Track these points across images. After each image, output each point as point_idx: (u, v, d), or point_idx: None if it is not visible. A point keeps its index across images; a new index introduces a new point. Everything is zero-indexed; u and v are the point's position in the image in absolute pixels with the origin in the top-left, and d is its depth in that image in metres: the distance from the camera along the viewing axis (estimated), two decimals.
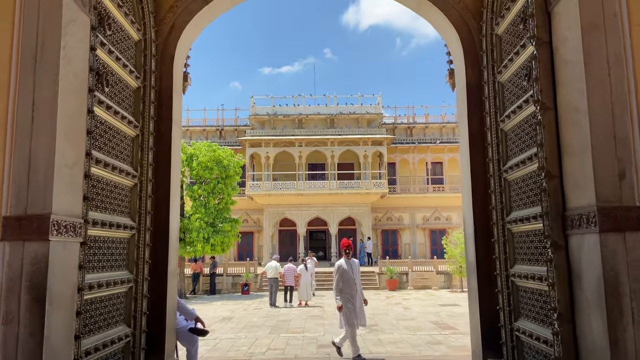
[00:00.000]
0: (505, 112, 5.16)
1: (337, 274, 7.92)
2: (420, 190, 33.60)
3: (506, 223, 5.15)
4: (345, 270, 7.86)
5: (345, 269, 7.87)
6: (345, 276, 7.84)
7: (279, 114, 33.37)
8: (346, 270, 7.86)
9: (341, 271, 7.88)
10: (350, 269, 7.89)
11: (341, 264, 7.94)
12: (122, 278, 4.86)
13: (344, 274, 7.86)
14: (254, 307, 17.58)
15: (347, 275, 7.85)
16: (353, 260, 8.09)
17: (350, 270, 7.88)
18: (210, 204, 21.53)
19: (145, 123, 5.37)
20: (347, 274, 7.85)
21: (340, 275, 7.88)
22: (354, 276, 7.91)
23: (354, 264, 8.06)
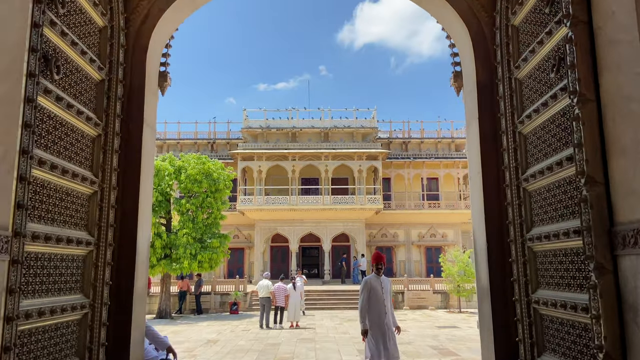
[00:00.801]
0: (524, 112, 4.49)
1: (363, 292, 6.78)
2: (415, 206, 32.94)
3: (526, 240, 4.44)
4: (374, 289, 6.75)
5: (375, 287, 6.75)
6: (374, 296, 6.73)
7: (272, 127, 32.75)
8: (375, 289, 6.75)
9: (369, 289, 6.75)
10: (380, 287, 6.79)
11: (369, 280, 6.86)
12: (74, 303, 4.08)
13: (373, 293, 6.74)
14: (242, 328, 16.66)
15: (376, 295, 6.73)
16: (384, 278, 6.96)
17: (380, 288, 6.77)
18: (199, 219, 20.69)
19: (109, 122, 4.65)
20: (376, 294, 6.73)
21: (367, 294, 6.74)
22: (384, 296, 6.78)
23: (385, 282, 6.93)
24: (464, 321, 18.04)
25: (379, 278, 6.86)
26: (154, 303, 22.05)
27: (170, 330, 16.33)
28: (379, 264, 6.91)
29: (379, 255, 7.03)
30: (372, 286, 6.75)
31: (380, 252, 7.34)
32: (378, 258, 6.99)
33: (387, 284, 6.95)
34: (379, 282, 6.81)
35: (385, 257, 7.20)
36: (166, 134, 34.52)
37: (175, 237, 20.17)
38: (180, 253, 19.63)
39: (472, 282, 21.07)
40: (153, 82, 5.58)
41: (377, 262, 6.90)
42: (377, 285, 6.78)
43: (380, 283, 6.81)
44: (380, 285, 6.80)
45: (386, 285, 6.90)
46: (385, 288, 6.83)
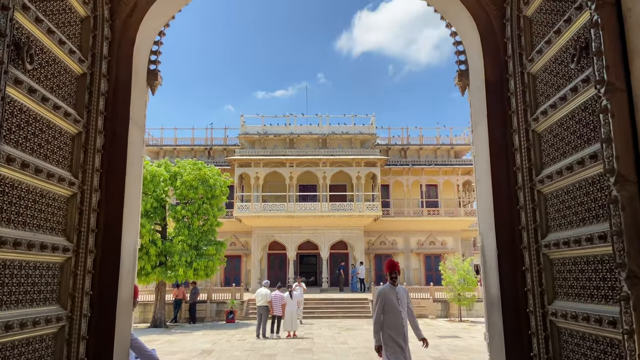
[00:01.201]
0: (539, 109, 4.17)
1: (377, 304, 6.23)
2: (414, 213, 32.60)
3: (541, 247, 4.11)
4: (389, 300, 6.17)
5: (390, 298, 6.17)
6: (390, 308, 6.15)
7: (270, 133, 32.45)
8: (391, 300, 6.17)
9: (384, 300, 6.19)
10: (395, 298, 6.21)
11: (384, 291, 6.28)
12: (48, 315, 3.72)
13: (388, 304, 6.17)
14: (238, 337, 16.24)
15: (392, 307, 6.14)
16: (400, 288, 6.39)
17: (395, 299, 6.19)
18: (195, 226, 20.32)
19: (91, 118, 4.31)
20: (392, 305, 6.15)
21: (382, 306, 6.18)
22: (401, 308, 6.17)
23: (402, 293, 6.33)
24: (465, 331, 17.64)
25: (394, 288, 6.30)
26: (149, 312, 21.60)
27: (165, 340, 15.90)
28: (393, 272, 6.34)
29: (392, 263, 6.43)
30: (387, 297, 6.18)
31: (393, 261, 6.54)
32: (392, 266, 6.39)
33: (404, 294, 6.38)
34: (394, 292, 6.25)
35: (399, 265, 6.55)
36: (162, 140, 34.19)
37: (170, 244, 19.78)
38: (176, 260, 19.23)
39: (472, 291, 20.70)
40: (141, 78, 5.27)
41: (391, 271, 6.33)
42: (392, 295, 6.22)
43: (395, 293, 6.24)
44: (395, 296, 6.22)
45: (402, 295, 6.32)
46: (401, 299, 6.26)
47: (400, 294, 6.27)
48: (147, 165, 20.24)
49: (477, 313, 22.55)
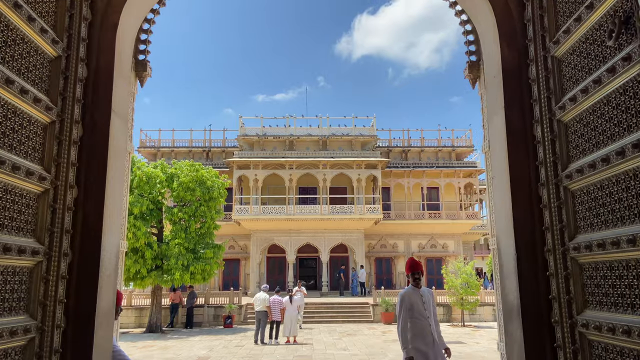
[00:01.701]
0: (566, 96, 3.74)
1: (401, 310, 5.45)
2: (415, 216, 32.15)
3: (569, 250, 3.68)
4: (414, 304, 5.41)
5: (415, 302, 5.42)
6: (416, 313, 5.39)
7: (269, 135, 32.03)
8: (415, 304, 5.42)
9: (407, 305, 5.42)
10: (420, 301, 5.46)
11: (406, 294, 5.49)
12: (14, 327, 3.28)
13: (414, 309, 5.40)
14: (235, 343, 15.77)
15: (418, 312, 5.40)
16: (425, 290, 5.61)
17: (420, 303, 5.45)
18: (192, 228, 19.86)
19: (66, 107, 3.88)
20: (418, 310, 5.40)
21: (406, 312, 5.41)
22: (427, 312, 5.45)
23: (427, 295, 5.56)
24: (469, 336, 17.17)
25: (418, 290, 5.54)
26: (145, 316, 21.13)
27: (159, 346, 15.43)
28: (416, 272, 5.56)
29: (414, 263, 5.66)
30: (412, 301, 5.42)
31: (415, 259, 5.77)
32: (414, 266, 5.61)
33: (430, 297, 5.61)
34: (417, 295, 5.48)
35: (421, 265, 5.76)
36: (160, 142, 33.76)
37: (166, 248, 19.32)
38: (172, 264, 18.77)
39: (475, 295, 20.24)
40: (125, 66, 4.84)
41: (413, 271, 5.56)
42: (416, 299, 5.45)
43: (420, 296, 5.48)
44: (420, 299, 5.47)
45: (428, 298, 5.57)
46: (427, 302, 5.52)
47: (425, 297, 5.51)
48: (143, 167, 19.81)
49: (480, 317, 22.09)
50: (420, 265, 5.69)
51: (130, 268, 18.36)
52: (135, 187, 19.03)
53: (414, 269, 5.57)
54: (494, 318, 22.19)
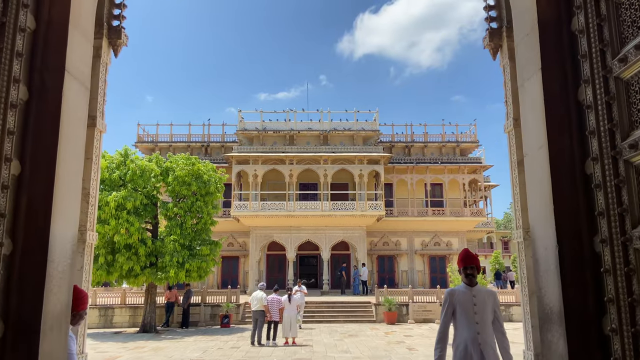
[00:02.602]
0: (627, 46, 2.97)
1: (443, 311, 4.45)
2: (418, 213, 31.36)
3: (632, 240, 2.90)
4: (461, 305, 4.34)
5: (463, 303, 4.33)
6: (462, 318, 4.33)
7: (269, 130, 31.25)
8: (463, 306, 4.33)
9: (453, 306, 4.37)
10: (470, 303, 4.33)
11: (454, 293, 4.43)
12: None
13: (459, 313, 4.34)
14: (231, 344, 15.02)
15: (465, 317, 4.32)
16: (480, 289, 4.46)
17: (470, 306, 4.32)
18: (187, 224, 19.12)
19: (2, 61, 3.11)
20: (465, 314, 4.32)
21: (448, 315, 4.40)
22: (478, 319, 4.29)
23: (483, 296, 4.39)
24: None
25: (471, 289, 4.41)
26: (139, 315, 20.40)
27: (152, 347, 14.70)
28: (469, 267, 4.42)
29: (468, 255, 4.49)
30: (459, 301, 4.36)
31: (470, 251, 4.58)
32: (467, 258, 4.46)
33: (487, 299, 4.39)
34: (468, 295, 4.37)
35: (477, 258, 4.54)
36: (158, 137, 33.02)
37: (161, 244, 18.58)
38: (167, 261, 18.03)
39: None
40: (86, 21, 4.07)
41: (466, 265, 4.44)
42: (465, 300, 4.35)
43: (472, 297, 4.36)
44: (471, 301, 4.36)
45: (483, 300, 4.36)
46: (480, 304, 4.34)
47: (479, 298, 4.35)
48: (137, 160, 19.06)
49: None
50: (475, 258, 4.51)
51: (123, 265, 17.62)
52: (128, 180, 18.29)
53: (466, 262, 4.45)
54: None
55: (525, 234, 5.02)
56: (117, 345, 15.20)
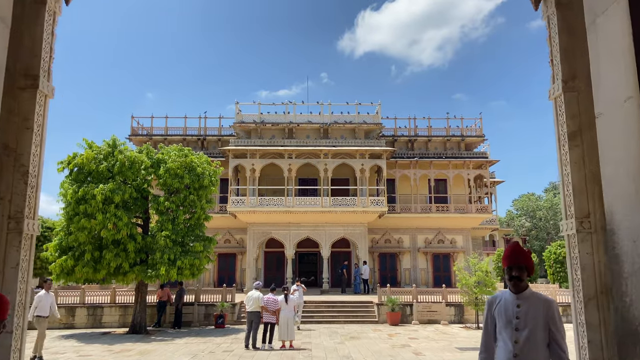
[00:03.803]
0: None
1: (484, 322, 3.51)
2: (422, 209, 30.32)
3: None
4: (502, 316, 3.34)
5: (504, 314, 3.34)
6: (502, 331, 3.32)
7: (267, 122, 30.18)
8: (504, 318, 3.32)
9: (493, 314, 3.44)
10: (512, 314, 3.29)
11: (495, 300, 3.47)
12: None
13: (501, 322, 3.34)
14: (224, 347, 14.00)
15: (505, 327, 3.31)
16: (530, 296, 3.30)
17: (511, 315, 3.30)
18: (180, 219, 18.06)
19: None
20: (505, 324, 3.31)
21: (488, 325, 3.46)
22: (519, 336, 3.22)
23: (532, 305, 3.27)
24: None
25: (516, 297, 3.33)
26: (129, 315, 19.38)
27: (139, 350, 13.68)
28: (514, 267, 3.28)
29: (515, 251, 3.32)
30: (499, 312, 3.37)
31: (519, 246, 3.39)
32: (514, 255, 3.30)
33: (536, 310, 3.25)
34: (512, 302, 3.32)
35: (527, 254, 3.32)
36: (152, 130, 31.96)
37: (152, 240, 17.53)
38: (157, 258, 16.99)
39: (492, 294, 18.40)
40: None
41: (511, 264, 3.31)
42: (507, 310, 3.33)
43: (514, 305, 3.30)
44: (512, 312, 3.29)
45: (531, 311, 3.25)
46: (525, 317, 3.24)
47: (525, 309, 3.26)
48: (126, 151, 18.01)
49: None
50: (525, 255, 3.30)
51: (110, 262, 16.58)
52: (116, 172, 17.23)
53: (512, 260, 3.30)
54: None
55: (580, 225, 4.00)
56: (103, 348, 14.19)
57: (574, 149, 4.02)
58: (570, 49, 4.17)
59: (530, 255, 3.34)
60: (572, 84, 4.12)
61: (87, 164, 17.08)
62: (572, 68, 4.15)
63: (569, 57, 4.17)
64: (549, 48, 4.46)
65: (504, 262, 3.37)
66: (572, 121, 4.06)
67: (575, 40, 4.18)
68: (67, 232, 17.12)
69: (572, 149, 4.03)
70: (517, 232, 61.73)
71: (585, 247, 3.92)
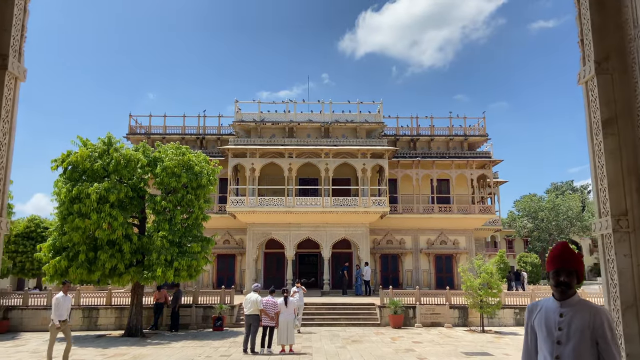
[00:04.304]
0: None
1: (525, 332, 3.05)
2: (424, 210, 29.82)
3: None
4: (542, 325, 2.87)
5: (545, 324, 2.86)
6: (542, 341, 2.85)
7: (267, 121, 29.72)
8: (545, 326, 2.85)
9: (533, 324, 2.97)
10: (553, 325, 2.82)
11: (535, 308, 2.99)
12: None
13: (541, 333, 2.87)
14: (222, 352, 13.54)
15: (545, 340, 2.84)
16: (576, 304, 2.82)
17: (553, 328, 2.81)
18: (177, 219, 17.59)
19: None
20: (545, 336, 2.84)
21: (531, 336, 2.98)
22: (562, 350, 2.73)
23: (576, 315, 2.77)
24: (493, 344, 14.91)
25: (559, 305, 2.84)
26: (124, 317, 18.93)
27: (133, 354, 13.22)
28: (562, 271, 2.80)
29: (564, 252, 2.82)
30: (539, 322, 2.89)
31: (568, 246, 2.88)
32: (562, 257, 2.80)
33: (582, 321, 2.75)
34: (554, 313, 2.83)
35: (577, 256, 2.82)
36: (151, 129, 31.51)
37: (148, 241, 17.07)
38: (153, 259, 16.53)
39: (497, 297, 17.96)
40: None
41: (559, 267, 2.82)
42: (548, 320, 2.84)
43: (557, 314, 2.82)
44: (554, 323, 2.81)
45: (576, 322, 2.75)
46: (568, 329, 2.74)
47: (568, 319, 2.77)
48: (122, 149, 17.56)
49: (500, 321, 19.81)
50: (574, 257, 2.81)
51: (105, 263, 16.13)
52: (112, 171, 16.78)
53: (558, 263, 2.80)
54: (515, 322, 19.92)
55: (616, 224, 3.54)
56: (96, 352, 13.73)
57: (609, 138, 3.58)
58: (602, 25, 3.73)
59: (582, 259, 2.85)
60: (605, 65, 3.67)
61: (81, 162, 16.63)
62: (605, 47, 3.71)
63: (601, 34, 3.73)
64: (579, 27, 4.01)
65: (549, 264, 2.86)
66: (607, 107, 3.62)
67: (607, 15, 3.74)
68: (61, 232, 16.67)
69: (606, 137, 3.59)
70: (519, 233, 61.20)
71: (623, 249, 3.47)
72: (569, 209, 55.70)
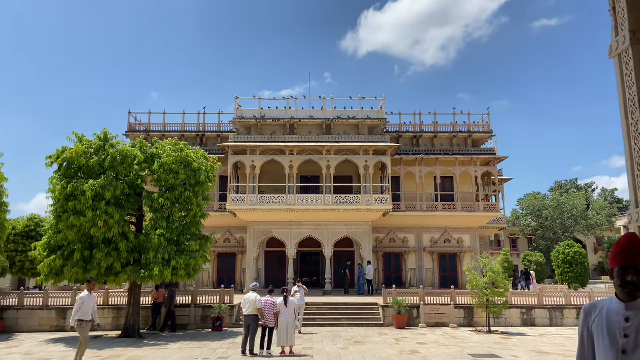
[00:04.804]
0: None
1: (580, 337, 2.55)
2: (428, 208, 29.35)
3: None
4: (604, 331, 2.38)
5: (605, 327, 2.39)
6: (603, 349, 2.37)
7: (268, 118, 29.27)
8: (608, 332, 2.37)
9: (590, 329, 2.48)
10: (618, 330, 2.34)
11: (597, 310, 2.48)
12: None
13: (603, 340, 2.38)
14: (220, 353, 13.11)
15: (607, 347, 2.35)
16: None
17: (617, 334, 2.33)
18: (175, 217, 17.15)
19: None
20: (608, 343, 2.35)
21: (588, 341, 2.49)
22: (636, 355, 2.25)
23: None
24: (501, 346, 14.44)
25: (625, 307, 2.37)
26: (122, 317, 18.53)
27: (128, 356, 12.81)
28: (631, 269, 2.31)
29: (633, 245, 2.33)
30: (600, 327, 2.43)
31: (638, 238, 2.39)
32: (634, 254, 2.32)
33: None
34: (618, 315, 2.38)
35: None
36: (150, 126, 31.11)
37: (145, 239, 16.65)
38: (151, 258, 16.10)
39: (504, 296, 17.47)
40: None
41: (626, 265, 2.35)
42: (612, 325, 2.38)
43: (621, 321, 2.36)
44: (619, 328, 2.35)
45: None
46: (633, 334, 2.30)
47: (637, 325, 2.31)
48: (118, 145, 17.13)
49: (507, 322, 19.32)
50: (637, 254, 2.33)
51: (101, 262, 15.72)
52: (108, 167, 16.36)
53: (628, 259, 2.35)
54: (522, 322, 19.43)
55: None
56: (91, 354, 13.30)
57: None
58: None
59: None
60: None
61: (76, 158, 16.21)
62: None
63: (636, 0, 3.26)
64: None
65: (614, 260, 2.38)
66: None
67: None
68: (56, 230, 16.28)
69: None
70: (523, 232, 60.59)
71: None
72: (573, 207, 55.13)
